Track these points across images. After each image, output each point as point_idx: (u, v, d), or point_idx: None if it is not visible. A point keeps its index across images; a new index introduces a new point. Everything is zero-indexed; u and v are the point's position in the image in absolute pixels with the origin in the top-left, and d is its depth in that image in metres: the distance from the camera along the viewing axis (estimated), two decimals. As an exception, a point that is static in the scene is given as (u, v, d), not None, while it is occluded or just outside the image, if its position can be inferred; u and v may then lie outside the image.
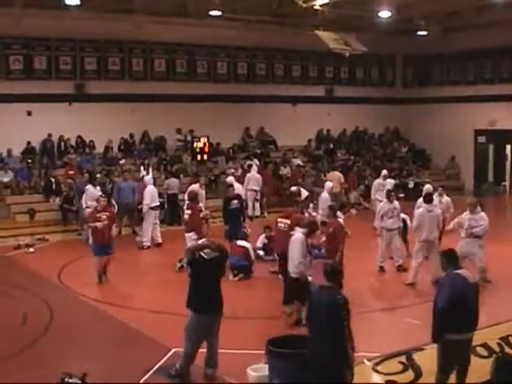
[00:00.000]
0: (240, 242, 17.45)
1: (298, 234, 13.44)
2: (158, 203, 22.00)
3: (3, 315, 13.79)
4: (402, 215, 18.31)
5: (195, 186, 21.96)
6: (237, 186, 22.83)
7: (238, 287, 15.90)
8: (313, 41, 28.85)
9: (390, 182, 23.00)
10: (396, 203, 17.92)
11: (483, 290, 14.70)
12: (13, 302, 15.01)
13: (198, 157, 29.51)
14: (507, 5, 24.81)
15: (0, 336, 12.38)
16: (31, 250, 20.86)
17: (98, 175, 24.93)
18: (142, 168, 24.66)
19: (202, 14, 27.30)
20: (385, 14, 26.59)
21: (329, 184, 21.92)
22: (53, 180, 25.53)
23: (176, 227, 23.09)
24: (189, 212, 17.91)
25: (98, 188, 22.07)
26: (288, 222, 14.88)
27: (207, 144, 29.58)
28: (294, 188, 19.64)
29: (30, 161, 26.45)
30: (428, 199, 16.70)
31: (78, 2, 23.51)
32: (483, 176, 34.78)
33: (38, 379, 10.12)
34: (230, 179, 23.48)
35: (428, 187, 19.09)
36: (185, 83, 30.85)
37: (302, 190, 20.92)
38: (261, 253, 18.47)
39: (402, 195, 26.58)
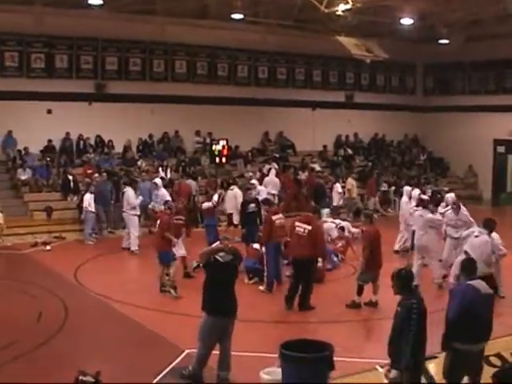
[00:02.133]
0: (256, 246, 17.41)
1: (484, 236, 13.91)
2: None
3: (19, 312, 13.86)
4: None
5: (238, 192, 22.45)
6: (260, 188, 22.95)
7: (252, 290, 15.89)
8: (334, 46, 28.84)
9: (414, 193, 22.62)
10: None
11: (499, 300, 14.65)
12: (28, 299, 15.08)
13: (217, 159, 29.40)
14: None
15: (15, 332, 12.44)
16: (48, 247, 20.98)
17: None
18: (160, 169, 24.61)
19: (224, 17, 27.35)
20: (407, 21, 26.51)
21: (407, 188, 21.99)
22: (70, 178, 25.54)
23: (194, 229, 23.05)
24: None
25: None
26: (309, 227, 14.34)
27: (226, 147, 29.42)
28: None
29: (48, 159, 26.50)
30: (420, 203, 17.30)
31: (101, 2, 23.61)
32: (502, 186, 34.58)
33: (52, 376, 10.19)
34: (254, 182, 23.52)
35: (451, 196, 19.29)
36: (205, 85, 30.89)
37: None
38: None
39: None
